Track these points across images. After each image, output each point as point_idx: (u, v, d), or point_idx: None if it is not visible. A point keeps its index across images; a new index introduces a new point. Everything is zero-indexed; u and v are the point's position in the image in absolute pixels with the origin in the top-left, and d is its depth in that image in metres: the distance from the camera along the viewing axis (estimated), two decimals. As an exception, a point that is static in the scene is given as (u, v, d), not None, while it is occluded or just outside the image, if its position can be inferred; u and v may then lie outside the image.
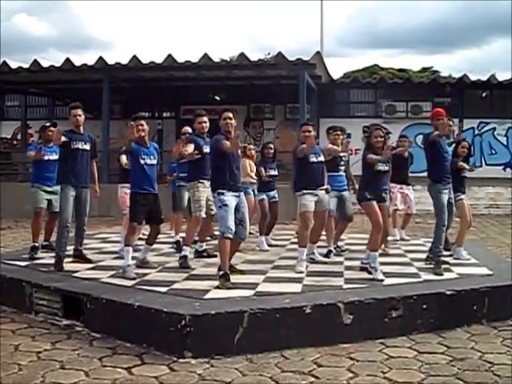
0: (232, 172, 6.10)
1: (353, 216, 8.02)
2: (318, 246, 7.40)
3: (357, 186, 7.90)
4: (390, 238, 8.07)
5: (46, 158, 7.97)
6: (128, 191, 6.98)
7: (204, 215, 7.18)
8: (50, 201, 7.96)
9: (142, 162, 6.55)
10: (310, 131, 6.93)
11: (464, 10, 68.52)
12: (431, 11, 67.38)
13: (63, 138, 6.83)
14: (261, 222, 8.77)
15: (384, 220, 6.54)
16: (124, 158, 7.56)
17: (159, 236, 7.12)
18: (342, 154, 7.83)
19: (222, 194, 6.00)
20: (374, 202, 6.39)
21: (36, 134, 8.73)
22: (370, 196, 6.40)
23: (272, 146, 9.20)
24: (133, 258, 6.55)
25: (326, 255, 7.46)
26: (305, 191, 6.79)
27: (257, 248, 8.35)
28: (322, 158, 7.02)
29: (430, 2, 66.27)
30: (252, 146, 9.62)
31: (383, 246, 7.44)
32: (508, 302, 5.77)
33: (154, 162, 6.71)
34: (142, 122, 6.69)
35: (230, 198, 6.00)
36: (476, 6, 66.88)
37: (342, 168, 7.88)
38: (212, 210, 7.22)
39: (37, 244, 7.77)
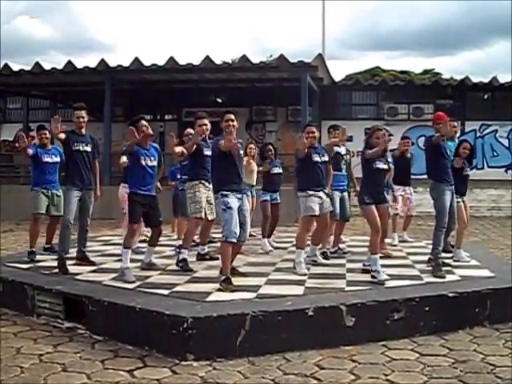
0: (235, 174, 6.05)
1: (349, 216, 8.18)
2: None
3: (358, 188, 7.94)
4: (387, 241, 8.08)
5: (45, 160, 7.85)
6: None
7: (204, 216, 7.04)
8: (50, 204, 7.90)
9: (142, 163, 6.41)
10: (313, 132, 6.91)
11: (466, 12, 68.42)
12: (433, 13, 67.17)
13: (63, 135, 6.79)
14: (263, 224, 8.70)
15: (383, 221, 6.52)
16: (124, 158, 7.55)
17: (161, 239, 7.09)
18: (343, 153, 7.86)
19: (226, 196, 5.93)
20: (373, 206, 6.37)
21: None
22: (368, 200, 6.39)
23: (271, 146, 9.16)
24: (135, 260, 6.53)
25: (325, 257, 7.46)
26: (310, 192, 6.73)
27: (259, 250, 8.33)
28: (326, 158, 6.99)
29: (431, 4, 66.15)
30: (253, 146, 9.57)
31: (384, 249, 7.45)
32: (510, 304, 5.75)
33: (155, 163, 6.57)
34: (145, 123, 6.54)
35: (233, 200, 5.93)
36: (478, 7, 66.71)
37: (344, 167, 7.92)
38: (211, 214, 7.12)
39: (34, 249, 7.65)
